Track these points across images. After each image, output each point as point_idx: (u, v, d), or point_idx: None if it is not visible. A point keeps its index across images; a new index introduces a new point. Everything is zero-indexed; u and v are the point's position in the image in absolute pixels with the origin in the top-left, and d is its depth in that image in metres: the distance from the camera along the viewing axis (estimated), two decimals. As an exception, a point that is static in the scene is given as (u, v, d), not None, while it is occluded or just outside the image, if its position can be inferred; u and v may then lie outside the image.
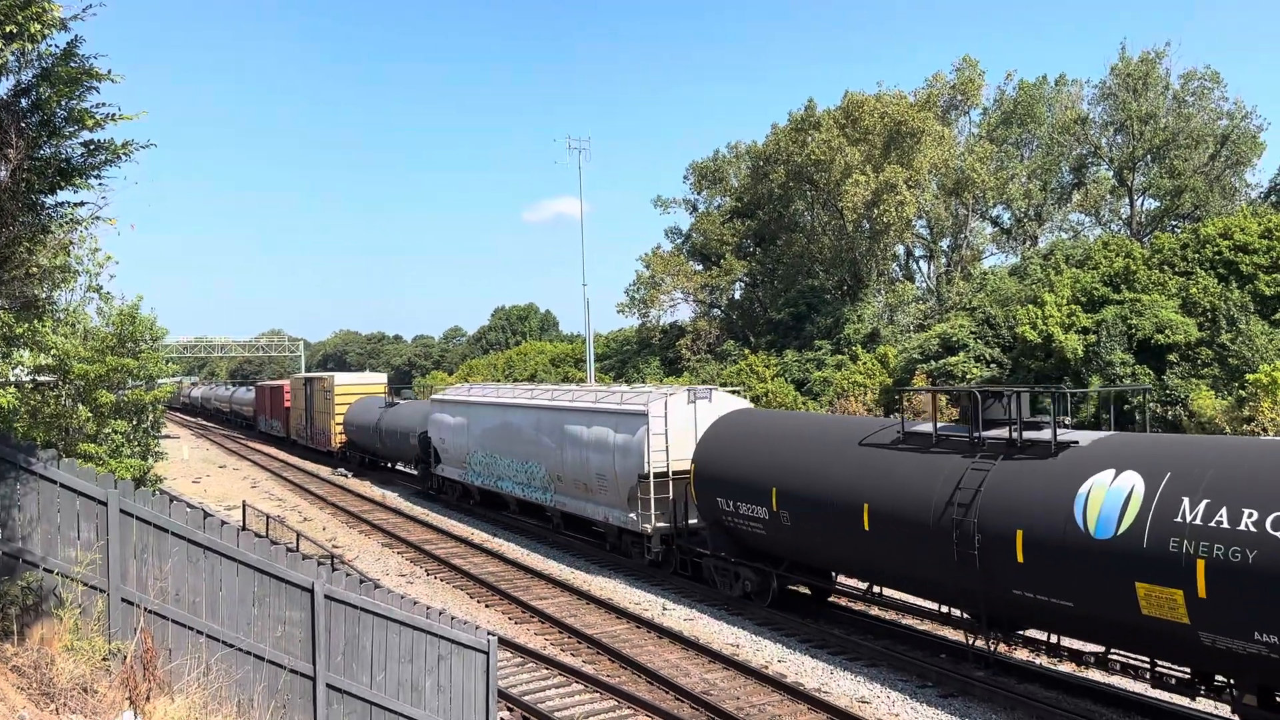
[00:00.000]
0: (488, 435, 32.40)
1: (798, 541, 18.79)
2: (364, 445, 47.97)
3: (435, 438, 36.51)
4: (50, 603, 8.99)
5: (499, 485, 32.04)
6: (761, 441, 20.00)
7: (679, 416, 23.48)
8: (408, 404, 45.12)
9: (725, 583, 21.38)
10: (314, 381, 56.24)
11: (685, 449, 22.80)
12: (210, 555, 9.82)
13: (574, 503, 27.45)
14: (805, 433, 19.63)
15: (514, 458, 30.52)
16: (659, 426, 23.27)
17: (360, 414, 47.65)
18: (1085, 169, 59.30)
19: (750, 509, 19.53)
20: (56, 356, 20.19)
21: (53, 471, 9.19)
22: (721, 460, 20.63)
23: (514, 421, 30.57)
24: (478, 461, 33.25)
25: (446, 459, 36.13)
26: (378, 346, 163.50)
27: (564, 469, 27.35)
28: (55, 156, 8.38)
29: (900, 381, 44.86)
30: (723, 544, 21.25)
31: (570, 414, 27.31)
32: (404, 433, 40.80)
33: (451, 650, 11.17)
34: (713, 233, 70.14)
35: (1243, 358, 33.52)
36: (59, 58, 8.39)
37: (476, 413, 33.41)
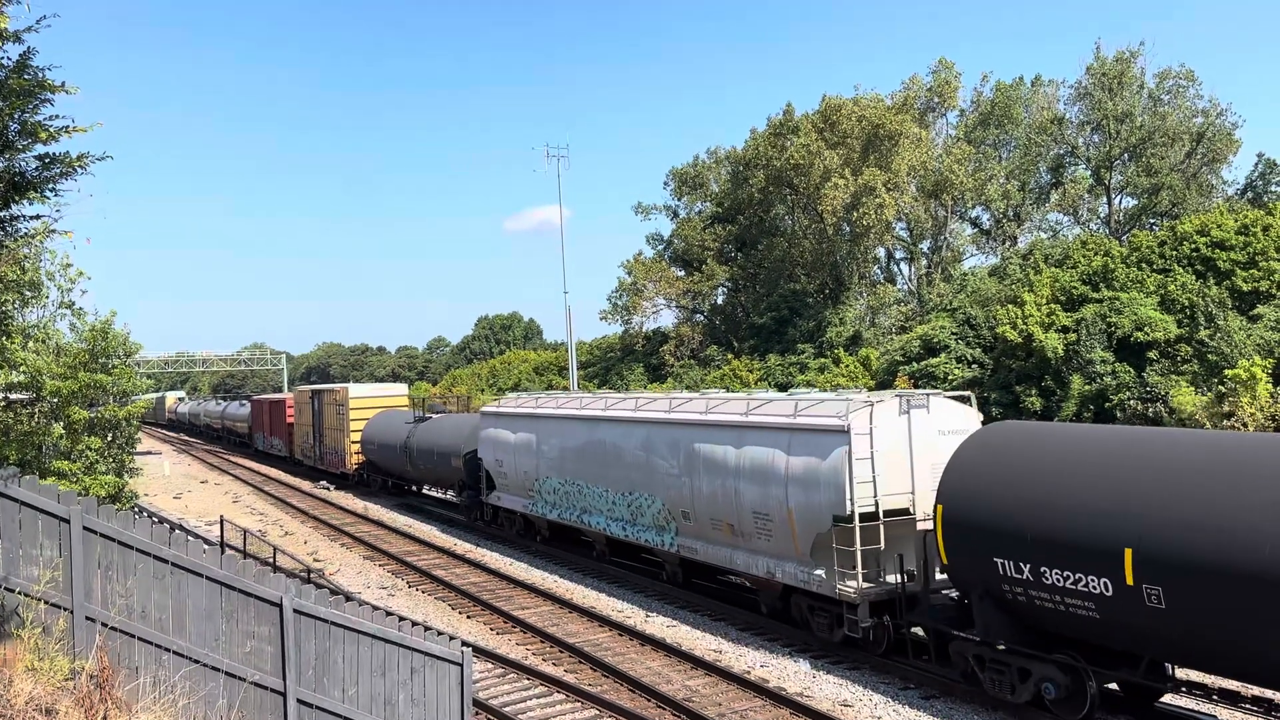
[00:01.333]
0: (567, 456, 26.31)
1: (1178, 632, 12.10)
2: (388, 467, 41.65)
3: (489, 459, 30.56)
4: (12, 623, 8.84)
5: (582, 520, 25.81)
6: (1089, 475, 13.14)
7: (889, 433, 17.15)
8: (446, 419, 37.90)
9: (1000, 681, 14.71)
10: (323, 394, 49.87)
11: (897, 479, 17.07)
12: (176, 571, 9.68)
13: (709, 549, 20.95)
14: (1185, 462, 12.47)
15: (608, 485, 24.40)
16: (864, 448, 16.80)
17: (382, 430, 41.17)
18: (1063, 169, 59.60)
19: (1070, 578, 12.93)
20: (28, 373, 20.00)
21: (13, 489, 9.04)
22: (1000, 500, 13.96)
23: (610, 439, 24.29)
24: (550, 489, 27.18)
25: (504, 485, 29.97)
26: (361, 358, 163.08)
27: (695, 503, 20.97)
28: (8, 170, 8.26)
29: (883, 384, 44.91)
30: (999, 624, 14.40)
31: (707, 430, 20.81)
32: (442, 453, 34.86)
33: (425, 663, 11.05)
34: (694, 238, 70.18)
35: (1221, 354, 33.67)
36: (11, 70, 8.30)
37: (549, 428, 27.34)
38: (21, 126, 8.23)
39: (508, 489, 29.88)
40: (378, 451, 41.53)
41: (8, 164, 8.26)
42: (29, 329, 20.70)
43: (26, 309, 19.57)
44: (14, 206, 8.54)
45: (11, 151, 8.22)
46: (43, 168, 8.42)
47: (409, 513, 38.08)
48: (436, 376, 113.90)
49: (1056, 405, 37.29)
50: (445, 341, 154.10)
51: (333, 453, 48.01)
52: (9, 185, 8.23)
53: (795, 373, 52.53)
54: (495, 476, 30.51)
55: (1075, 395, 36.56)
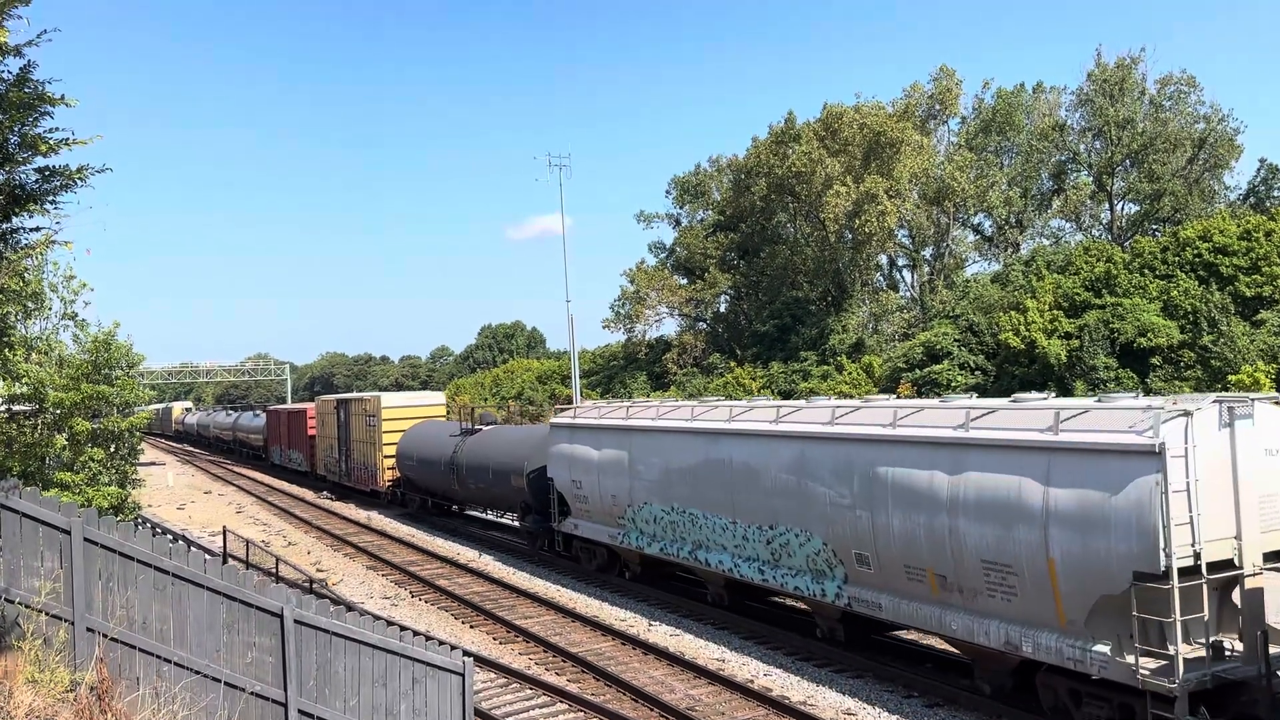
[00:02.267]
0: (674, 479, 21.71)
1: None
2: (429, 485, 37.16)
3: (562, 479, 26.05)
4: (13, 634, 8.85)
5: (695, 557, 21.16)
6: None
7: (1208, 453, 12.64)
8: (501, 431, 33.92)
9: None
10: (350, 404, 45.40)
11: (1219, 517, 12.55)
12: (177, 582, 9.69)
13: (900, 605, 16.13)
14: None
15: (737, 516, 19.66)
16: (1181, 475, 12.30)
17: (422, 444, 36.88)
18: (1065, 175, 59.66)
19: None
20: (31, 385, 20.07)
21: (14, 501, 9.06)
22: None
23: (740, 459, 19.52)
24: (648, 518, 22.71)
25: (582, 510, 25.55)
26: (365, 368, 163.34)
27: (877, 544, 16.27)
28: (8, 182, 8.30)
29: (886, 391, 44.89)
30: None
31: (899, 449, 15.96)
32: (500, 470, 30.12)
33: (427, 673, 11.04)
34: (696, 246, 70.29)
35: (1225, 359, 33.65)
36: (11, 83, 8.34)
37: (648, 444, 22.73)
38: (22, 139, 8.27)
39: (587, 515, 25.34)
40: (417, 468, 37.17)
41: (8, 176, 8.30)
42: (32, 340, 20.77)
43: (29, 320, 19.64)
44: (14, 219, 8.59)
45: (12, 164, 8.26)
46: (43, 180, 8.47)
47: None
48: (440, 385, 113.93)
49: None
50: (449, 351, 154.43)
51: (361, 468, 43.52)
52: (9, 198, 8.27)
53: (798, 380, 52.54)
54: (571, 500, 25.94)
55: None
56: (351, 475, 44.99)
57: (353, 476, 44.81)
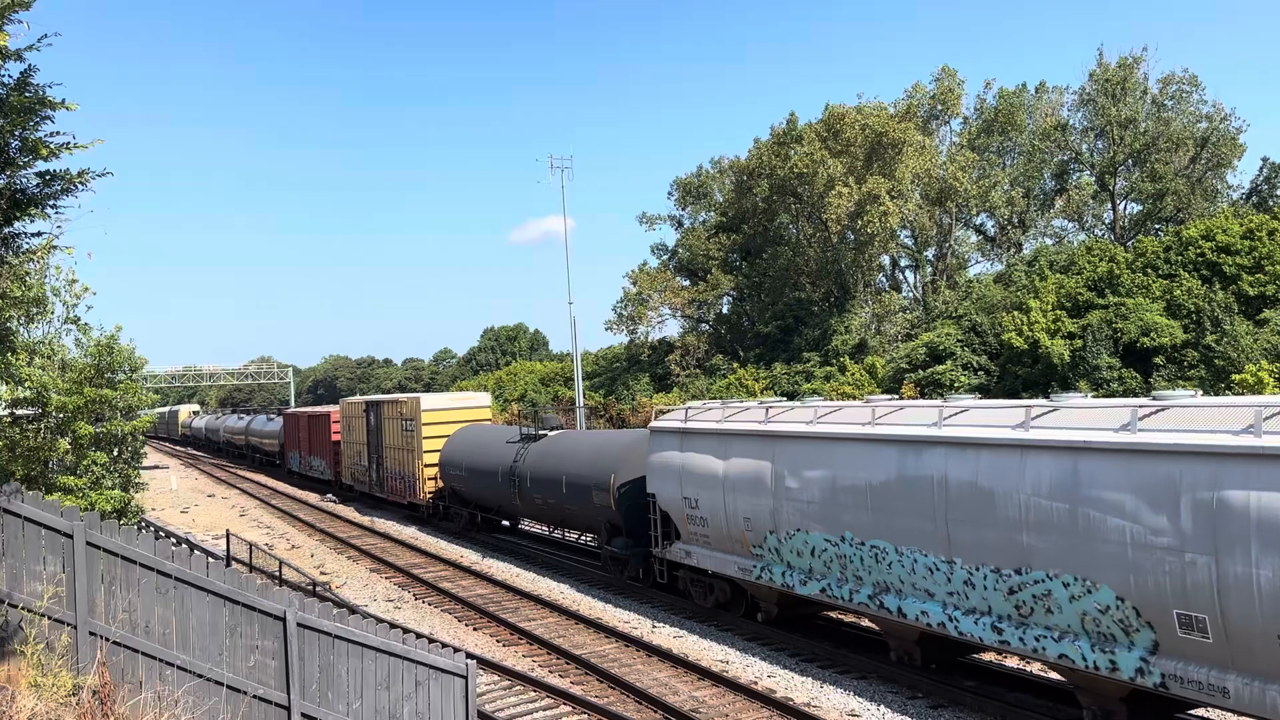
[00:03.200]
0: (846, 499, 16.98)
1: None
2: (480, 498, 33.11)
3: (669, 495, 21.66)
4: (16, 639, 8.85)
5: (879, 602, 16.50)
6: None
7: None
8: (574, 436, 29.38)
9: None
10: (382, 407, 41.29)
11: None
12: (180, 586, 9.69)
13: (1275, 692, 11.39)
14: None
15: (953, 554, 15.00)
16: None
17: (472, 451, 32.89)
18: (1067, 175, 59.62)
19: None
20: (34, 389, 20.07)
21: (16, 505, 9.06)
22: None
23: (960, 476, 14.82)
24: (801, 547, 18.02)
25: (698, 533, 20.93)
26: (368, 370, 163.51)
27: (1227, 603, 11.68)
28: (9, 187, 8.31)
29: (889, 392, 44.84)
30: None
31: (1270, 466, 11.48)
32: (578, 483, 25.76)
33: (429, 675, 11.03)
34: (698, 248, 70.30)
35: (1228, 358, 33.58)
36: (12, 88, 8.35)
37: (805, 454, 17.98)
38: (22, 143, 8.28)
39: (704, 541, 20.83)
40: (465, 479, 33.11)
41: (9, 181, 8.31)
42: (35, 345, 20.78)
43: (32, 325, 19.64)
44: (16, 223, 8.59)
45: (13, 168, 8.27)
46: (44, 184, 8.47)
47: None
48: (443, 388, 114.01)
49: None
50: (451, 353, 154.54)
51: (397, 478, 39.37)
52: (10, 202, 8.27)
53: (801, 381, 52.51)
54: (680, 522, 21.51)
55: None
56: (384, 486, 40.77)
57: (386, 487, 40.60)
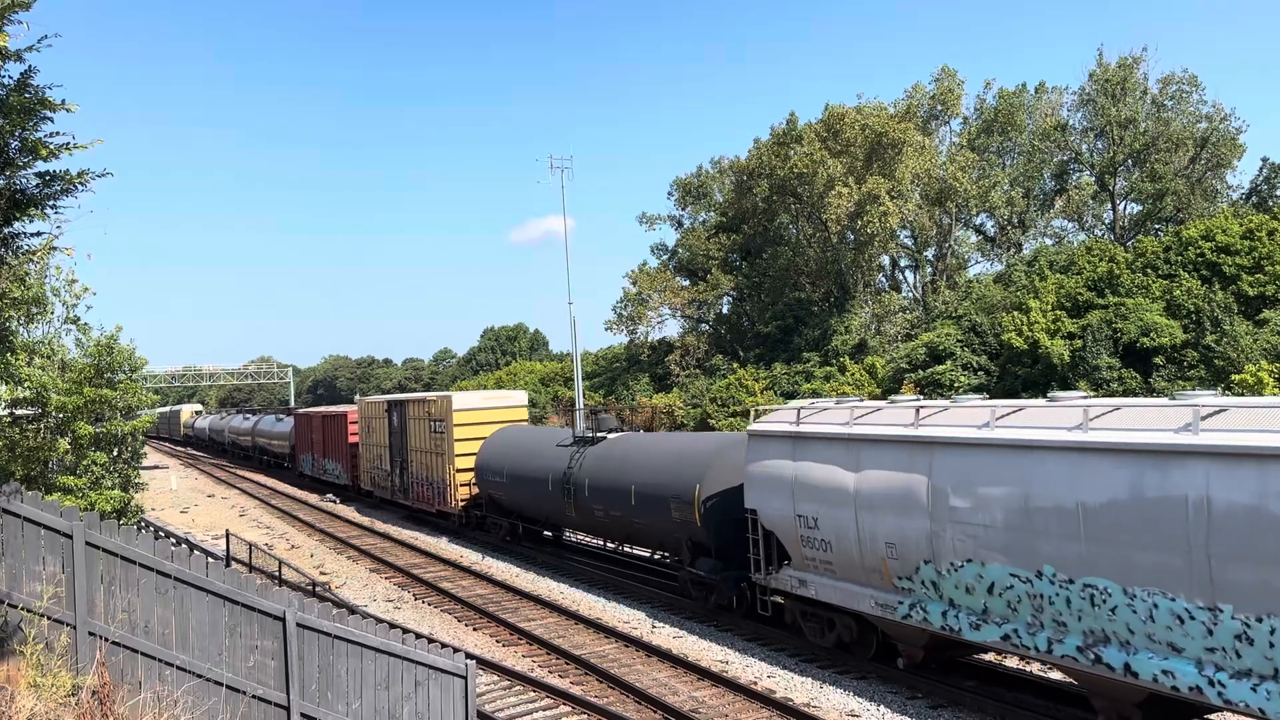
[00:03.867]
0: (1043, 524, 13.46)
1: None
2: (524, 508, 29.99)
3: (777, 511, 18.45)
4: (15, 639, 8.86)
5: (1093, 656, 13.07)
6: None
7: None
8: (650, 439, 26.27)
9: None
10: (406, 406, 38.41)
11: None
12: (179, 586, 9.70)
13: None
14: None
15: (1217, 599, 11.61)
16: None
17: (513, 455, 29.89)
18: (1067, 175, 59.64)
19: None
20: (34, 389, 20.08)
21: (16, 505, 9.07)
22: None
23: (1229, 499, 11.41)
24: (972, 582, 14.59)
25: (816, 559, 17.76)
26: (368, 370, 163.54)
27: None
28: (9, 187, 8.31)
29: (889, 392, 44.83)
30: None
31: None
32: (651, 494, 22.66)
33: (429, 675, 11.04)
34: (698, 248, 70.32)
35: (1228, 358, 33.59)
36: (12, 88, 8.36)
37: (978, 466, 14.45)
38: (22, 144, 8.29)
39: (826, 567, 17.70)
40: (506, 486, 30.04)
41: (8, 181, 8.32)
42: (35, 345, 20.79)
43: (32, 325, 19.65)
44: (15, 223, 8.60)
45: (12, 169, 8.28)
46: (43, 185, 8.48)
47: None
48: (443, 388, 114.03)
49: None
50: (451, 353, 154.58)
51: (425, 484, 36.32)
52: (10, 202, 8.28)
53: (801, 381, 52.53)
54: (792, 543, 18.36)
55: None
56: (410, 493, 37.70)
57: (411, 494, 37.58)
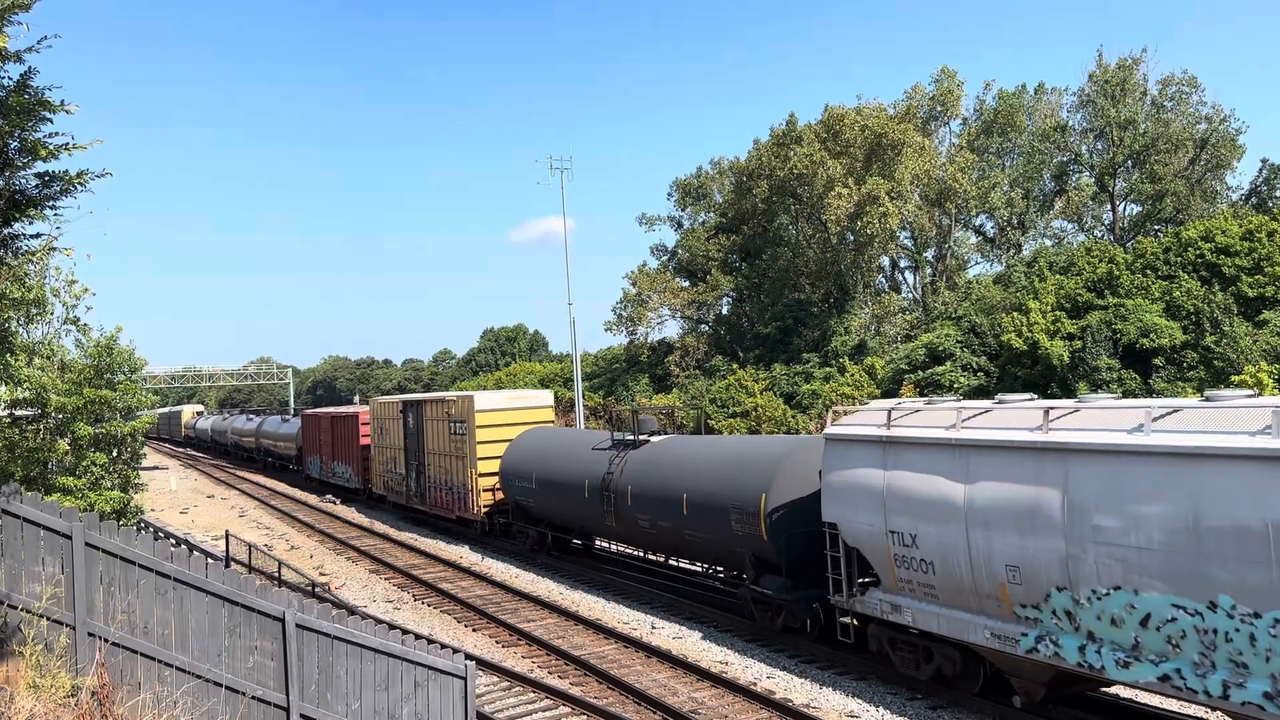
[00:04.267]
0: (1216, 546, 11.27)
1: None
2: (556, 516, 27.93)
3: (863, 527, 16.47)
4: (14, 640, 8.85)
5: None
6: None
7: None
8: (703, 442, 24.47)
9: None
10: (423, 407, 36.45)
11: None
12: (179, 586, 9.69)
13: None
14: None
15: None
16: None
17: (543, 459, 28.06)
18: (1066, 176, 59.64)
19: None
20: (33, 390, 20.07)
21: (15, 505, 9.06)
22: None
23: None
24: (1122, 614, 12.48)
25: (914, 580, 15.69)
26: (367, 371, 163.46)
27: None
28: (8, 188, 8.31)
29: (888, 393, 44.85)
30: None
31: None
32: (708, 503, 20.53)
33: (428, 676, 11.03)
34: (698, 249, 70.31)
35: (1227, 359, 33.60)
36: (12, 89, 8.36)
37: (1129, 478, 12.33)
38: (21, 144, 8.29)
39: (927, 591, 15.51)
40: (536, 493, 28.05)
41: (8, 182, 8.32)
42: (34, 345, 20.79)
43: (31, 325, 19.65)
44: (15, 224, 8.60)
45: (12, 169, 8.28)
46: (43, 185, 8.48)
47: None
48: (443, 389, 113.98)
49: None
50: (451, 354, 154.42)
51: (443, 489, 34.46)
52: (9, 203, 8.28)
53: (801, 382, 52.53)
54: (888, 564, 16.22)
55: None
56: (426, 497, 36.03)
57: (428, 499, 35.77)
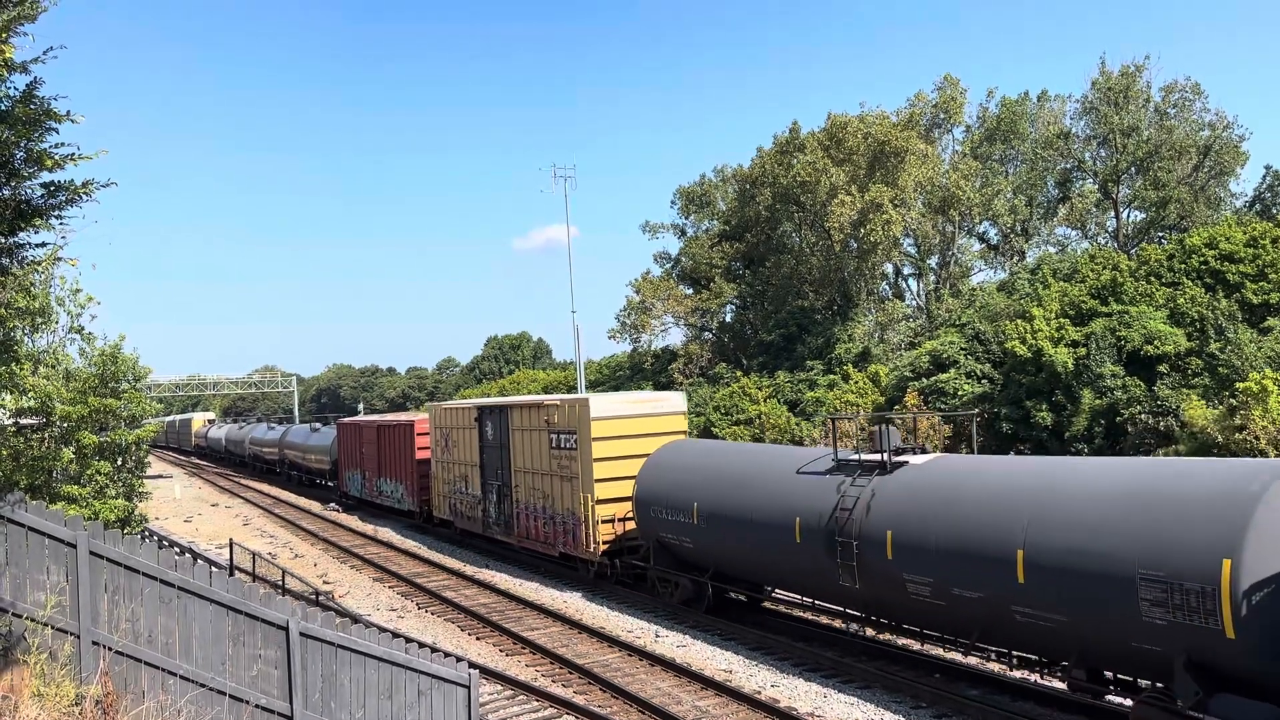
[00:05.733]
0: None
1: None
2: (731, 562, 21.08)
3: None
4: (19, 648, 8.87)
5: None
6: None
7: None
8: (1039, 466, 15.83)
9: None
10: (510, 413, 29.45)
11: None
12: (183, 595, 9.71)
13: None
14: None
15: None
16: None
17: (707, 482, 21.21)
18: (1070, 183, 59.61)
19: None
20: (38, 398, 20.13)
21: (20, 514, 9.09)
22: None
23: None
24: None
25: None
26: (371, 379, 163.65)
27: None
28: (14, 197, 8.36)
29: (893, 400, 44.83)
30: None
31: None
32: (1082, 568, 13.05)
33: (432, 685, 11.04)
34: (702, 256, 70.31)
35: (1232, 366, 33.52)
36: (18, 100, 8.41)
37: None
38: (27, 154, 8.34)
39: None
40: (702, 530, 20.88)
41: (14, 192, 8.36)
42: (39, 354, 20.85)
43: (36, 334, 19.71)
44: (21, 234, 8.64)
45: (17, 179, 8.32)
46: (48, 195, 8.53)
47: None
48: (447, 397, 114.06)
49: (1067, 420, 37.14)
50: (455, 362, 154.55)
51: (540, 517, 27.54)
52: (15, 213, 8.32)
53: (805, 390, 52.50)
54: None
55: (1086, 410, 36.43)
56: (513, 527, 29.27)
57: (516, 528, 29.10)
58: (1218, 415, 31.05)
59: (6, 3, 7.65)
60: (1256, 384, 29.96)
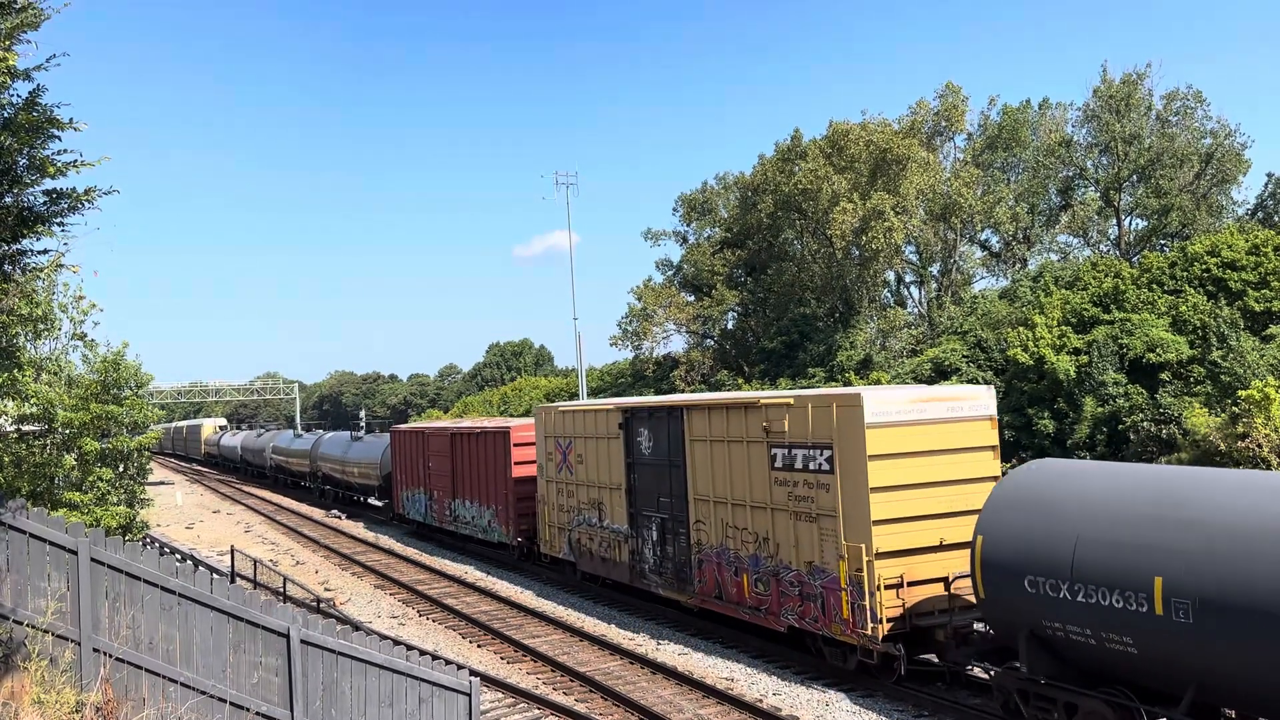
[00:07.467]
0: None
1: None
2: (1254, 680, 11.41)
3: None
4: (20, 655, 8.85)
5: None
6: None
7: None
8: None
9: None
10: (688, 416, 21.42)
11: None
12: (184, 602, 9.69)
13: None
14: None
15: None
16: None
17: (1168, 533, 12.14)
18: (1072, 191, 59.61)
19: None
20: (40, 405, 20.16)
21: (21, 521, 9.08)
22: None
23: None
24: None
25: None
26: (374, 386, 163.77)
27: None
28: (17, 204, 8.37)
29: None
30: None
31: None
32: None
33: (433, 693, 11.01)
34: (703, 264, 70.33)
35: (1234, 374, 33.49)
36: (21, 107, 8.43)
37: None
38: (30, 161, 8.35)
39: None
40: (1162, 624, 11.99)
41: (16, 199, 8.37)
42: (41, 361, 20.89)
43: (39, 341, 19.76)
44: (23, 241, 8.65)
45: (20, 186, 8.33)
46: (51, 202, 8.54)
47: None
48: (448, 404, 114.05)
49: (1069, 428, 37.09)
50: (457, 369, 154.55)
51: (753, 572, 19.49)
52: (18, 220, 8.34)
53: (806, 397, 52.44)
54: None
55: (1088, 418, 36.38)
56: (692, 580, 21.53)
57: (699, 584, 21.30)
58: (1220, 423, 30.99)
59: (9, 10, 7.67)
60: (1259, 392, 29.91)
